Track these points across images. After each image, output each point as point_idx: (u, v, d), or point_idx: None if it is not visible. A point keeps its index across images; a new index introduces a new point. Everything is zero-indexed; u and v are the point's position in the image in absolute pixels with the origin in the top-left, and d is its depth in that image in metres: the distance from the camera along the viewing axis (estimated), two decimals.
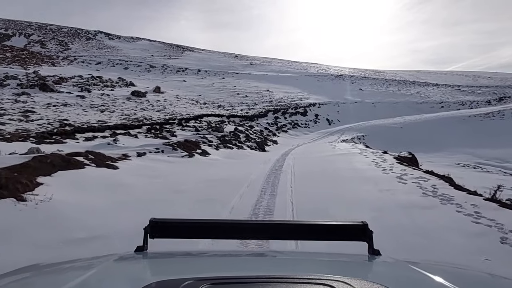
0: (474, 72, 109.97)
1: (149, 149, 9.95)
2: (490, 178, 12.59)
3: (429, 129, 32.76)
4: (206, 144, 13.46)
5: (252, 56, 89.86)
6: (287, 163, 9.68)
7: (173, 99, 31.68)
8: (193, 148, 11.34)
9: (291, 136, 28.78)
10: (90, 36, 79.73)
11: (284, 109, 35.45)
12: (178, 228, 1.36)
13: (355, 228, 1.33)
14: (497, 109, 39.39)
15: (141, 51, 71.73)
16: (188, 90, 39.52)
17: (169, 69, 55.96)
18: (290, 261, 1.30)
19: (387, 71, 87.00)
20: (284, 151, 14.82)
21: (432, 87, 58.46)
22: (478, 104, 46.93)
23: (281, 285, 0.80)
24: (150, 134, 16.45)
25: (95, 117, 17.45)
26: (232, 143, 15.65)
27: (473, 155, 27.18)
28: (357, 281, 0.81)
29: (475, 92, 55.76)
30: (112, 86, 34.01)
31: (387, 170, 7.62)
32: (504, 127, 33.79)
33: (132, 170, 6.85)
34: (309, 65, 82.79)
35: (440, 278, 0.95)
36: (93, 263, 1.16)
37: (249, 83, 48.98)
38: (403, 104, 44.01)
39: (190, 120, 22.68)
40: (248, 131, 22.85)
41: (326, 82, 56.09)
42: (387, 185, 6.13)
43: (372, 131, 31.00)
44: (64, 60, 49.52)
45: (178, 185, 5.85)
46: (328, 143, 17.71)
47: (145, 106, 25.19)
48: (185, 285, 0.76)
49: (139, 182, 5.98)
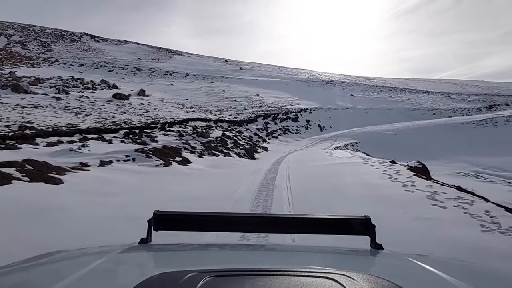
0: (461, 80, 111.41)
1: (117, 157, 8.41)
2: (502, 190, 11.48)
3: (423, 136, 31.97)
4: (188, 151, 11.95)
5: (242, 61, 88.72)
6: (281, 174, 8.24)
7: (158, 103, 30.05)
8: (172, 156, 9.82)
9: (282, 142, 27.44)
10: (75, 38, 77.38)
11: (275, 114, 34.15)
12: (181, 221, 1.39)
13: (358, 222, 1.31)
14: (489, 116, 38.98)
15: (128, 54, 69.78)
16: (174, 94, 37.92)
17: (156, 72, 54.22)
18: (293, 254, 1.29)
19: (377, 78, 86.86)
20: (276, 159, 13.42)
21: (422, 94, 58.19)
22: (469, 112, 46.64)
23: (283, 278, 0.79)
24: (128, 139, 14.84)
25: (66, 120, 15.76)
26: (218, 149, 14.17)
27: (470, 163, 26.36)
28: (360, 274, 0.81)
29: (465, 99, 55.69)
30: (94, 88, 32.19)
31: (408, 185, 6.17)
32: (498, 135, 33.28)
33: (82, 185, 5.35)
34: (300, 71, 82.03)
35: (443, 272, 0.95)
36: (97, 255, 1.14)
37: (238, 87, 47.62)
38: (395, 111, 43.31)
39: (174, 125, 21.12)
40: (237, 136, 21.40)
41: (317, 87, 55.17)
42: (420, 210, 4.64)
43: (365, 138, 29.96)
44: (45, 61, 47.33)
45: (135, 209, 4.36)
46: (323, 151, 16.30)
47: (126, 109, 23.52)
48: (188, 277, 0.76)
49: (81, 203, 4.48)
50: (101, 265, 0.97)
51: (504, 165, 25.27)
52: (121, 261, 1.09)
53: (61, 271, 0.98)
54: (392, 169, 7.97)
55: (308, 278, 0.80)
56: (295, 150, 20.25)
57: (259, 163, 12.04)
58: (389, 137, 31.34)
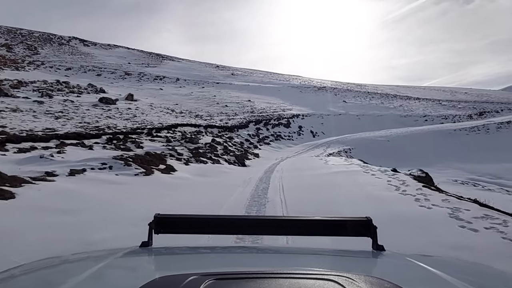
0: (451, 87, 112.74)
1: (92, 165, 7.56)
2: (506, 200, 10.92)
3: (416, 142, 31.66)
4: (174, 157, 11.13)
5: (233, 67, 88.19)
6: (273, 185, 7.47)
7: (147, 107, 29.14)
8: (155, 163, 8.99)
9: (274, 149, 26.73)
10: (63, 42, 75.94)
11: (266, 120, 33.48)
12: (182, 224, 1.39)
13: (359, 223, 1.31)
14: (481, 123, 38.99)
15: (118, 59, 68.64)
16: (164, 99, 37.01)
17: (146, 77, 53.23)
18: (294, 256, 1.29)
19: (368, 85, 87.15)
20: (268, 167, 12.68)
21: (413, 100, 58.31)
22: (461, 118, 46.75)
23: (285, 280, 0.79)
24: (110, 145, 13.95)
25: (45, 124, 14.79)
26: (207, 156, 13.36)
27: (464, 170, 26.07)
28: (362, 276, 0.80)
29: (455, 106, 55.98)
30: (80, 92, 31.12)
31: (421, 200, 5.34)
32: (490, 141, 33.23)
33: (37, 200, 4.52)
34: (291, 77, 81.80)
35: (445, 273, 0.94)
36: (98, 259, 1.14)
37: (230, 93, 46.91)
38: (388, 117, 43.09)
39: (162, 130, 20.26)
40: (227, 142, 20.62)
41: (309, 93, 54.81)
42: (448, 235, 3.80)
43: (359, 144, 29.49)
44: (30, 65, 45.99)
45: (97, 229, 3.58)
46: (317, 158, 15.58)
47: (112, 114, 22.57)
48: (189, 280, 0.76)
49: (27, 225, 3.64)
50: (102, 269, 0.97)
51: (498, 172, 25.06)
52: (122, 264, 1.09)
53: (63, 276, 0.98)
54: (396, 179, 7.24)
55: (309, 280, 0.79)
56: (287, 157, 19.55)
57: (250, 171, 11.28)
58: (382, 143, 30.94)
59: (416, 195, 5.73)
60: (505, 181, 22.88)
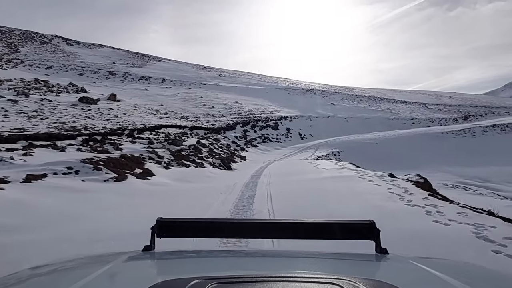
0: (436, 91, 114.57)
1: (56, 169, 6.69)
2: (501, 205, 10.47)
3: (404, 145, 31.53)
4: (153, 161, 10.29)
5: (221, 69, 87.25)
6: (260, 192, 6.74)
7: (130, 108, 28.05)
8: (130, 167, 8.15)
9: (261, 151, 26.05)
10: (45, 40, 73.64)
11: (254, 121, 32.79)
12: (185, 228, 1.38)
13: (362, 226, 1.30)
14: (467, 126, 39.29)
15: (102, 58, 66.90)
16: (149, 99, 35.91)
17: (131, 77, 51.86)
18: (298, 260, 1.28)
19: (355, 88, 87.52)
20: (255, 170, 11.96)
21: (400, 104, 58.64)
22: (447, 122, 47.14)
23: (288, 284, 0.79)
24: (86, 147, 13.00)
25: (15, 124, 13.71)
26: (190, 159, 12.55)
27: (452, 173, 25.98)
28: (365, 280, 0.80)
29: (441, 110, 56.53)
30: (59, 91, 29.77)
31: (433, 212, 4.61)
32: (476, 145, 33.39)
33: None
34: (279, 79, 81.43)
35: (449, 275, 0.94)
36: (100, 263, 1.14)
37: (217, 94, 46.06)
38: (375, 120, 43.03)
39: (145, 131, 19.32)
40: (213, 145, 19.82)
41: (297, 95, 54.42)
42: (482, 263, 2.88)
43: (347, 147, 29.13)
44: (9, 63, 44.13)
45: (42, 251, 2.78)
46: (307, 161, 14.93)
47: (92, 114, 21.47)
48: (192, 284, 0.76)
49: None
50: (105, 273, 0.97)
51: (486, 176, 25.04)
52: (125, 269, 1.09)
53: (65, 280, 0.97)
54: (397, 186, 6.59)
55: (313, 283, 0.80)
56: (275, 160, 18.88)
57: (235, 176, 10.54)
58: (371, 146, 30.67)
59: (425, 206, 5.02)
60: (493, 184, 22.81)
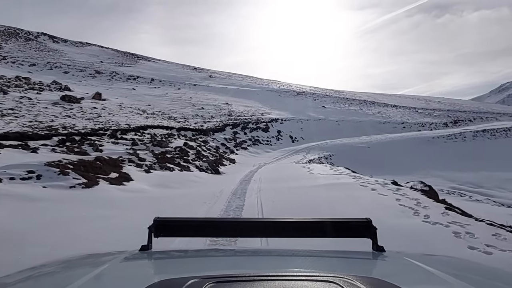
0: (424, 96, 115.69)
1: (13, 173, 5.82)
2: (502, 214, 9.95)
3: (396, 149, 31.21)
4: (133, 163, 9.43)
5: (212, 70, 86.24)
6: (250, 202, 5.93)
7: (115, 107, 26.98)
8: (104, 171, 7.29)
9: (251, 154, 25.28)
10: (30, 38, 71.60)
11: (244, 123, 32.01)
12: (182, 227, 1.36)
13: (358, 224, 1.30)
14: (458, 131, 39.33)
15: (89, 57, 65.27)
16: (136, 99, 34.81)
17: (118, 76, 50.54)
18: (295, 258, 1.29)
19: (346, 91, 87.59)
20: (244, 175, 11.19)
21: (391, 108, 58.65)
22: (437, 126, 47.20)
23: (285, 282, 0.79)
24: (62, 148, 12.04)
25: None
26: (175, 162, 11.70)
27: (444, 178, 25.71)
28: (362, 277, 0.80)
29: (431, 114, 56.73)
30: (41, 89, 28.52)
31: (463, 235, 3.90)
32: (468, 150, 33.34)
33: None
34: (271, 81, 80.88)
35: (446, 272, 0.94)
36: (98, 263, 1.14)
37: (207, 95, 45.14)
38: (367, 123, 42.75)
39: (129, 132, 18.36)
40: (201, 147, 18.97)
41: (288, 98, 53.87)
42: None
43: (339, 150, 28.62)
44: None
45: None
46: (299, 165, 14.18)
47: (74, 113, 20.40)
48: (189, 283, 0.75)
49: None
50: (102, 272, 0.96)
51: (477, 181, 24.87)
52: (122, 268, 1.08)
53: (62, 280, 0.97)
54: (406, 197, 5.80)
55: (310, 282, 0.79)
56: (265, 163, 18.13)
57: (223, 181, 9.74)
58: (363, 150, 30.25)
59: (449, 224, 4.20)
60: (486, 189, 22.56)
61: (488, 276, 1.07)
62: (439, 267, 0.99)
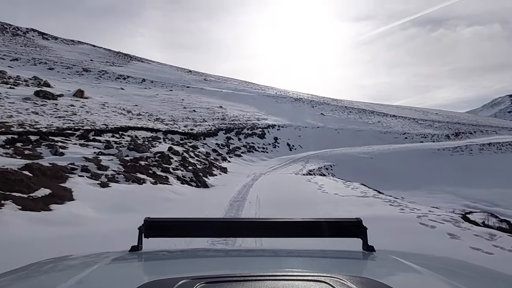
0: (421, 108, 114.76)
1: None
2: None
3: (400, 161, 29.11)
4: (87, 173, 6.96)
5: (207, 74, 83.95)
6: None
7: (96, 106, 24.46)
8: (29, 186, 4.84)
9: (246, 162, 22.89)
10: (19, 33, 68.78)
11: (239, 128, 29.65)
12: (172, 227, 1.35)
13: (349, 224, 1.31)
14: (463, 143, 37.52)
15: (79, 55, 62.62)
16: (123, 99, 32.29)
17: (107, 75, 47.96)
18: (285, 258, 1.29)
19: (343, 100, 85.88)
20: (237, 190, 8.83)
21: (390, 117, 56.90)
22: (439, 138, 45.45)
23: (276, 282, 0.79)
24: (8, 149, 9.56)
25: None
26: (149, 172, 9.24)
27: (456, 195, 23.47)
28: (352, 277, 0.81)
29: (432, 125, 55.12)
30: (16, 84, 25.93)
31: None
32: (475, 163, 31.40)
33: None
34: (267, 87, 78.82)
35: (435, 272, 0.95)
36: (87, 264, 1.13)
37: (200, 98, 42.77)
38: (367, 133, 40.72)
39: (105, 133, 15.89)
40: (188, 152, 16.53)
41: (286, 104, 51.73)
42: None
43: (340, 161, 26.37)
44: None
45: None
46: (305, 178, 11.76)
47: (44, 110, 17.87)
48: (180, 284, 0.75)
49: None
50: (91, 273, 0.96)
51: (492, 198, 22.75)
52: (111, 269, 1.08)
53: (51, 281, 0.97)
54: (490, 241, 3.51)
55: (300, 281, 0.79)
56: (261, 173, 15.76)
57: (209, 200, 7.35)
58: (365, 160, 28.08)
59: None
60: (503, 209, 20.41)
61: (478, 275, 1.07)
62: (428, 266, 1.00)
